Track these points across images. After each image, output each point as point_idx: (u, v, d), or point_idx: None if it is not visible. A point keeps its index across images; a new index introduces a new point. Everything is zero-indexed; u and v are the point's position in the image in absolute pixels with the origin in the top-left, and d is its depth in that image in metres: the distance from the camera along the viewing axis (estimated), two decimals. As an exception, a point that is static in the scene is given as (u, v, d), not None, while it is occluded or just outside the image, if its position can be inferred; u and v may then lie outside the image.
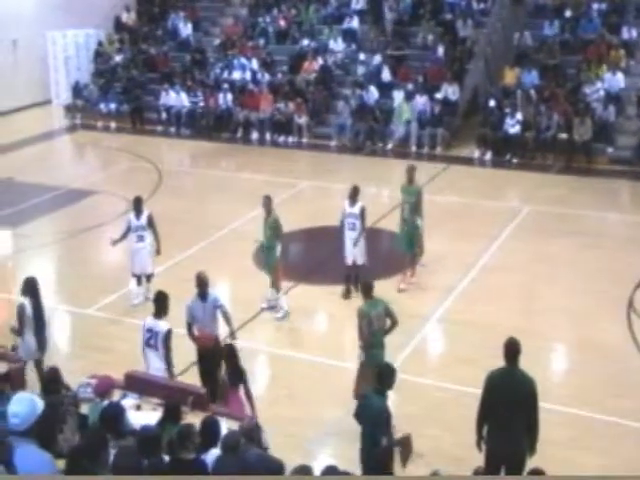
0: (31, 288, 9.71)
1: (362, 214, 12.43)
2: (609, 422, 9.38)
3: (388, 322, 9.30)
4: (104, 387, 7.54)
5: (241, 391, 8.44)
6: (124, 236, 12.51)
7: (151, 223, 12.44)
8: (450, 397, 9.92)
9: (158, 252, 12.59)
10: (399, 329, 9.09)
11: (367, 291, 9.35)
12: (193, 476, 6.03)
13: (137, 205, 12.39)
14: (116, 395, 7.86)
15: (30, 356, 9.61)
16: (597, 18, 22.58)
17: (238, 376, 8.44)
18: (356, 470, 7.32)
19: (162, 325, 8.90)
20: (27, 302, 9.63)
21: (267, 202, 12.11)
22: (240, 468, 5.99)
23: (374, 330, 9.14)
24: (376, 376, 7.60)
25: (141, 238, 12.34)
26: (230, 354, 8.58)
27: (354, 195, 12.42)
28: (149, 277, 12.65)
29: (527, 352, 7.57)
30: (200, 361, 9.61)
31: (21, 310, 9.59)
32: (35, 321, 9.63)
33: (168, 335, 8.84)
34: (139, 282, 12.63)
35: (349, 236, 12.47)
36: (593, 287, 12.96)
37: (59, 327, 12.50)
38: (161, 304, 9.02)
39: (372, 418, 7.29)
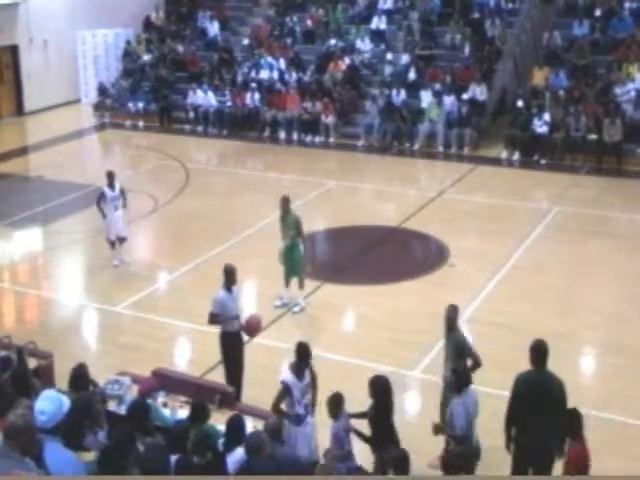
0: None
1: None
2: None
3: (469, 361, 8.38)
4: (147, 388, 7.61)
5: None
6: (101, 208, 13.72)
7: (123, 192, 13.89)
8: (479, 399, 9.79)
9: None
10: (427, 329, 8.99)
11: None
12: (216, 476, 6.02)
13: (111, 179, 13.74)
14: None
15: None
16: (629, 17, 22.29)
17: None
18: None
19: None
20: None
21: (284, 203, 12.22)
22: (271, 470, 5.97)
23: None
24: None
25: (117, 207, 13.77)
26: None
27: None
28: (122, 240, 13.97)
29: (559, 354, 7.47)
30: (231, 349, 9.53)
31: None
32: None
33: None
34: (113, 247, 13.97)
35: None
36: (624, 289, 12.79)
37: (87, 324, 12.59)
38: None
39: None
